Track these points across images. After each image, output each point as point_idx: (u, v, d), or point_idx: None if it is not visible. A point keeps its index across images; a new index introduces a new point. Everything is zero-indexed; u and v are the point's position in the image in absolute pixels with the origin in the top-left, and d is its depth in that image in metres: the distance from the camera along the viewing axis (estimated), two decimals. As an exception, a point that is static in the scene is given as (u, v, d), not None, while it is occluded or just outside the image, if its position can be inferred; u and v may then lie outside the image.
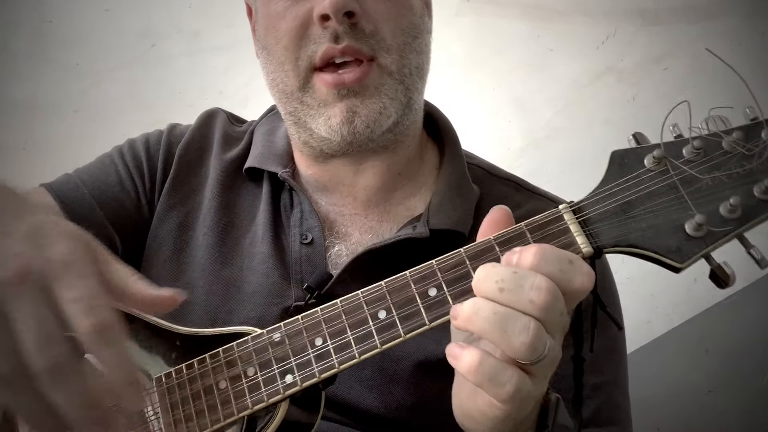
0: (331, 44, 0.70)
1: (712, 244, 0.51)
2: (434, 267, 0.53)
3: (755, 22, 1.63)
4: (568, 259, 0.48)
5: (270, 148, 0.85)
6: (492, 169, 0.88)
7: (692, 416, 1.58)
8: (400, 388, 0.71)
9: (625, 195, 0.53)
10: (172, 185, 0.84)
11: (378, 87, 0.73)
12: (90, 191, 0.82)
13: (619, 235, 0.52)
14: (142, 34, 1.62)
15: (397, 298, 0.54)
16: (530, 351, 0.46)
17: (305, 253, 0.76)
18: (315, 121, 0.74)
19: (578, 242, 0.52)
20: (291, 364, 0.55)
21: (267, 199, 0.81)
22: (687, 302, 1.64)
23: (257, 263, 0.77)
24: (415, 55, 0.76)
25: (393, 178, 0.81)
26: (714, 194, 0.51)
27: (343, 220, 0.81)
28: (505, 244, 0.52)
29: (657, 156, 0.52)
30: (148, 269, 0.81)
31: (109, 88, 1.61)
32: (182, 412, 0.57)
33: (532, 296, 0.46)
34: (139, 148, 0.87)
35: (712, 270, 0.51)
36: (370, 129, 0.73)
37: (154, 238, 0.82)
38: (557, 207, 0.54)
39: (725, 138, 0.52)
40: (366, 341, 0.54)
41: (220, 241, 0.80)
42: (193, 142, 0.88)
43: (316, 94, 0.73)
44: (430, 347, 0.71)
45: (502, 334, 0.46)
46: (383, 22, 0.73)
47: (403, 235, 0.74)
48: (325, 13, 0.69)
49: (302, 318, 0.56)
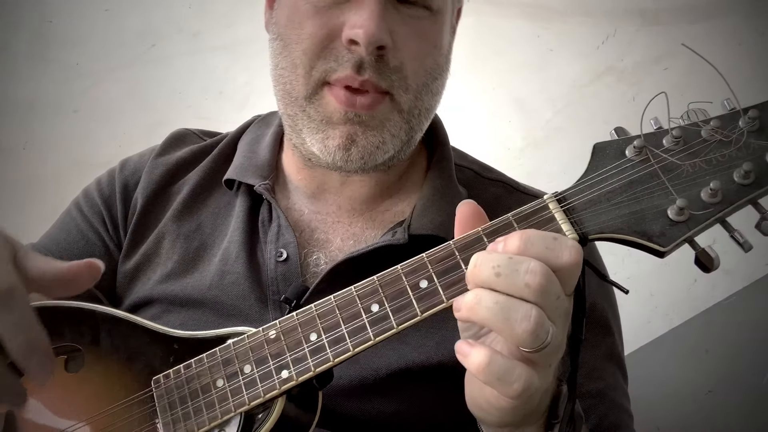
0: (353, 73, 0.67)
1: (694, 228, 0.52)
2: (425, 259, 0.54)
3: (755, 22, 1.63)
4: (552, 236, 0.50)
5: (251, 159, 0.83)
6: (482, 171, 0.87)
7: (692, 416, 1.58)
8: (379, 396, 0.70)
9: (608, 183, 0.54)
10: (138, 220, 0.82)
11: (383, 121, 0.71)
12: (57, 257, 0.78)
13: (603, 222, 0.53)
14: (142, 34, 1.62)
15: (389, 290, 0.54)
16: (533, 337, 0.46)
17: (281, 272, 0.74)
18: (312, 135, 0.72)
19: (564, 230, 0.53)
20: (286, 359, 0.56)
21: (242, 213, 0.79)
22: (687, 302, 1.64)
23: (229, 283, 0.75)
24: (429, 96, 0.74)
25: (381, 191, 0.80)
26: (694, 180, 0.53)
27: (325, 227, 0.79)
28: (493, 235, 0.53)
29: (637, 146, 0.54)
30: (122, 303, 0.80)
31: (109, 88, 1.61)
32: (180, 411, 0.58)
33: (527, 279, 0.47)
34: (94, 195, 0.85)
35: (696, 255, 0.53)
36: (363, 161, 0.71)
37: (124, 275, 0.81)
38: (542, 197, 0.55)
39: (704, 127, 0.53)
40: (360, 334, 0.54)
41: (191, 267, 0.78)
42: (155, 170, 0.85)
43: (323, 108, 0.71)
44: (411, 355, 0.70)
45: (504, 323, 0.47)
46: (410, 60, 0.70)
47: (380, 243, 0.73)
48: (356, 40, 0.66)
49: (297, 314, 0.57)
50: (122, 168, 0.87)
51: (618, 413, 0.76)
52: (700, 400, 1.58)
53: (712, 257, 0.52)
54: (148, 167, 0.85)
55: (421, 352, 0.70)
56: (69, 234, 0.83)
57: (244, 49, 1.65)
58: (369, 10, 0.66)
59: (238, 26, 1.66)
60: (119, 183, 0.85)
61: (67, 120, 1.60)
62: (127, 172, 0.86)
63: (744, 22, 1.63)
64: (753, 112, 0.53)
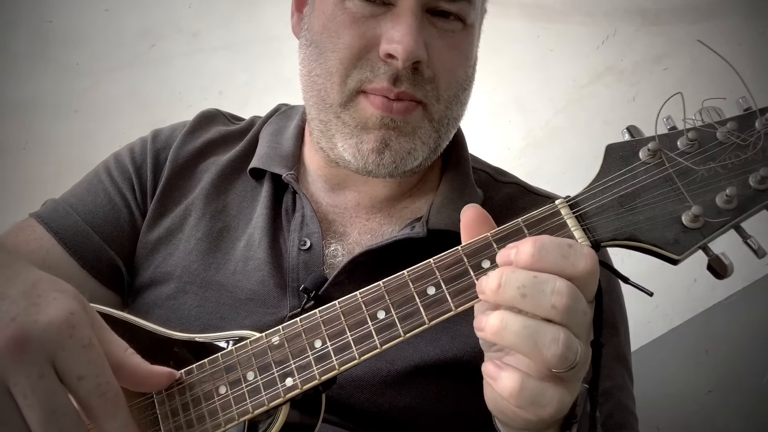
0: (390, 85, 0.68)
1: (709, 235, 0.51)
2: (432, 265, 0.53)
3: (755, 22, 1.63)
4: (567, 243, 0.48)
5: (276, 149, 0.83)
6: (497, 174, 0.88)
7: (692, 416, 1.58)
8: (392, 389, 0.70)
9: (622, 188, 0.53)
10: (163, 192, 0.82)
11: (415, 129, 0.72)
12: (82, 217, 0.80)
13: (616, 229, 0.52)
14: (142, 34, 1.62)
15: (395, 297, 0.53)
16: (562, 361, 0.46)
17: (303, 260, 0.75)
18: (345, 141, 0.72)
19: (576, 237, 0.52)
20: (291, 366, 0.55)
21: (267, 200, 0.80)
22: (687, 302, 1.64)
23: (252, 269, 0.75)
24: (458, 106, 0.76)
25: (402, 191, 0.81)
26: (710, 185, 0.51)
27: (343, 220, 0.80)
28: (503, 241, 0.52)
29: (652, 148, 0.52)
30: (139, 275, 0.80)
31: (109, 88, 1.61)
32: (183, 419, 0.57)
33: (554, 301, 0.46)
34: (126, 161, 0.84)
35: (709, 261, 0.51)
36: (395, 165, 0.72)
37: (144, 245, 0.81)
38: (554, 202, 0.54)
39: (719, 129, 0.52)
40: (366, 342, 0.53)
41: (214, 246, 0.78)
42: (185, 146, 0.86)
43: (358, 114, 0.71)
44: (426, 348, 0.70)
45: (533, 348, 0.46)
46: (443, 71, 0.71)
47: (400, 236, 0.74)
48: (394, 55, 0.67)
49: (301, 320, 0.56)
50: (154, 139, 0.87)
51: (623, 414, 0.76)
52: (700, 400, 1.58)
53: (726, 264, 0.50)
54: (178, 142, 0.86)
55: (436, 346, 0.71)
56: (96, 197, 0.82)
57: (244, 49, 1.65)
58: (407, 26, 0.67)
59: (238, 26, 1.66)
60: (151, 152, 0.85)
61: (67, 120, 1.60)
62: (159, 144, 0.86)
63: (744, 22, 1.63)
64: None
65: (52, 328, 0.46)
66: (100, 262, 0.79)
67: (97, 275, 0.79)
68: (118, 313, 0.64)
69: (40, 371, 0.45)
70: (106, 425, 0.47)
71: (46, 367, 0.45)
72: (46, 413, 0.44)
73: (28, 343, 0.44)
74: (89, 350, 0.47)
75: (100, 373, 0.47)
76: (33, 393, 0.44)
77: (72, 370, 0.46)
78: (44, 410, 0.44)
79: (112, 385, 0.48)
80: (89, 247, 0.79)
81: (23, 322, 0.45)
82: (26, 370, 0.44)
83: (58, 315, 0.46)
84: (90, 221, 0.80)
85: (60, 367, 0.46)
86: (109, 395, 0.47)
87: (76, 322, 0.47)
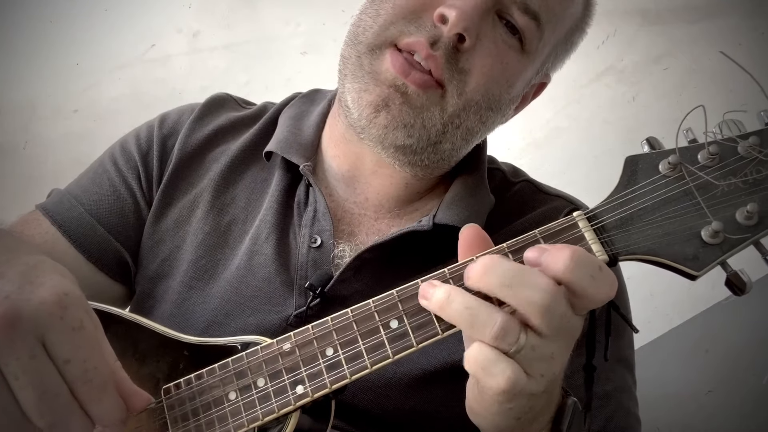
0: (426, 42, 0.66)
1: (728, 251, 0.50)
2: (447, 275, 0.52)
3: (755, 22, 1.63)
4: (599, 265, 0.48)
5: (296, 135, 0.80)
6: (511, 174, 0.86)
7: (692, 416, 1.58)
8: (398, 392, 0.69)
9: (641, 202, 0.52)
10: (170, 181, 0.80)
11: (423, 107, 0.69)
12: (87, 209, 0.78)
13: (634, 243, 0.51)
14: (142, 34, 1.62)
15: (409, 306, 0.53)
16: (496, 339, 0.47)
17: (312, 258, 0.73)
18: (352, 83, 0.71)
19: (594, 250, 0.51)
20: (302, 374, 0.54)
21: (278, 191, 0.77)
22: (687, 302, 1.64)
23: (258, 265, 0.74)
24: (476, 119, 0.72)
25: (410, 195, 0.79)
26: (730, 200, 0.50)
27: (351, 219, 0.78)
28: (519, 252, 0.51)
29: (672, 162, 0.52)
30: (144, 266, 0.79)
31: (109, 88, 1.61)
32: (192, 424, 0.56)
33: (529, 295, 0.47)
34: (132, 149, 0.82)
35: (728, 277, 0.51)
36: (386, 131, 0.69)
37: (150, 235, 0.79)
38: (572, 212, 0.53)
39: (741, 143, 0.51)
40: (378, 351, 0.53)
41: (222, 242, 0.77)
42: (194, 134, 0.83)
43: (376, 63, 0.69)
44: (433, 352, 0.70)
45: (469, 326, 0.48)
46: (479, 73, 0.69)
47: (405, 229, 0.72)
48: (447, 17, 0.66)
49: (312, 327, 0.55)
50: (161, 124, 0.84)
51: (624, 416, 0.75)
52: (700, 400, 1.58)
53: (745, 282, 0.50)
54: (186, 128, 0.83)
55: (443, 350, 0.70)
56: (101, 187, 0.80)
57: (244, 49, 1.65)
58: (473, 1, 0.66)
59: (238, 26, 1.66)
60: (158, 139, 0.82)
61: (67, 120, 1.60)
62: (165, 130, 0.83)
63: (744, 21, 1.63)
64: None
65: (44, 307, 0.45)
66: (106, 254, 0.78)
67: (103, 267, 0.78)
68: (125, 313, 0.63)
69: (30, 351, 0.44)
70: (90, 410, 0.47)
71: (37, 347, 0.45)
72: (37, 394, 0.44)
73: (19, 322, 0.44)
74: (78, 333, 0.46)
75: (87, 357, 0.46)
76: (24, 373, 0.44)
77: (59, 353, 0.45)
78: (36, 391, 0.44)
79: (100, 370, 0.47)
80: (94, 239, 0.77)
81: (16, 299, 0.44)
82: (17, 349, 0.44)
83: (51, 295, 0.46)
84: (95, 213, 0.78)
85: (49, 348, 0.45)
86: (95, 382, 0.46)
87: (68, 303, 0.46)
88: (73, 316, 0.46)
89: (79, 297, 0.48)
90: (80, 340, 0.46)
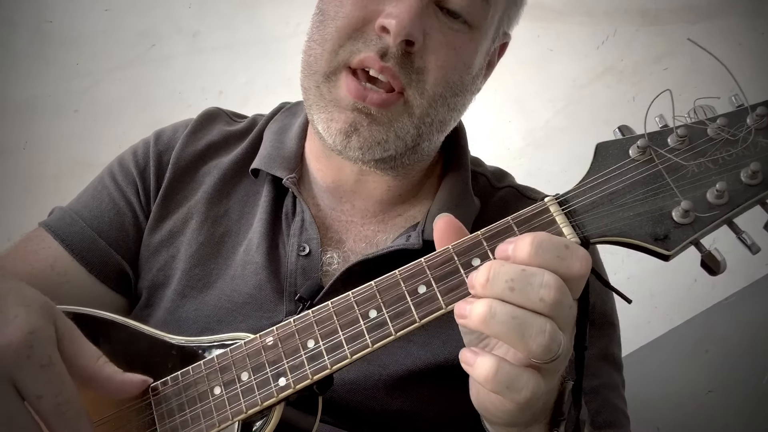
0: (376, 56, 0.67)
1: (700, 230, 0.50)
2: (423, 264, 0.54)
3: (755, 22, 1.63)
4: (564, 244, 0.48)
5: (279, 150, 0.83)
6: (494, 179, 0.87)
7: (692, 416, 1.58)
8: (384, 393, 0.70)
9: (611, 185, 0.53)
10: (165, 195, 0.83)
11: (392, 121, 0.71)
12: (88, 223, 0.81)
13: (605, 225, 0.52)
14: (142, 34, 1.62)
15: (386, 296, 0.54)
16: (546, 352, 0.46)
17: (301, 265, 0.75)
18: (318, 114, 0.72)
19: (565, 233, 0.52)
20: (284, 366, 0.55)
21: (267, 203, 0.80)
22: (687, 302, 1.64)
23: (249, 273, 0.76)
24: (445, 110, 0.74)
25: (395, 196, 0.81)
26: (700, 181, 0.51)
27: (339, 227, 0.80)
28: (493, 239, 0.52)
29: (641, 145, 0.52)
30: (142, 276, 0.81)
31: (109, 88, 1.61)
32: (178, 419, 0.57)
33: (542, 294, 0.46)
34: (129, 165, 0.85)
35: (702, 258, 0.51)
36: (362, 151, 0.71)
37: (147, 246, 0.81)
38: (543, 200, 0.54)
39: (710, 125, 0.52)
40: (357, 340, 0.54)
41: (216, 252, 0.79)
42: (187, 149, 0.85)
43: (335, 91, 0.71)
44: (418, 352, 0.71)
45: (519, 338, 0.46)
46: (434, 67, 0.70)
47: (395, 246, 0.74)
48: (388, 28, 0.66)
49: (294, 321, 0.56)
50: (157, 140, 0.87)
51: (612, 411, 0.76)
52: (699, 400, 1.58)
53: (719, 260, 0.50)
54: (180, 144, 0.86)
55: (428, 350, 0.71)
56: (101, 202, 0.83)
57: (244, 49, 1.65)
58: (408, 4, 0.67)
59: (238, 26, 1.66)
60: (154, 155, 0.85)
61: (67, 120, 1.60)
62: (161, 146, 0.86)
63: (744, 22, 1.63)
64: (761, 109, 0.51)
65: (10, 350, 0.47)
66: (107, 266, 0.80)
67: (105, 280, 0.80)
68: (119, 318, 0.65)
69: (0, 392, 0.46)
70: None
71: (5, 387, 0.47)
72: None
73: None
74: (48, 370, 0.48)
75: (59, 392, 0.48)
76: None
77: (30, 390, 0.48)
78: (7, 429, 0.46)
79: (72, 403, 0.49)
80: (96, 252, 0.79)
81: None
82: None
83: (16, 335, 0.47)
84: (96, 227, 0.81)
85: (20, 386, 0.47)
86: (69, 414, 0.48)
87: (34, 341, 0.48)
88: (41, 354, 0.48)
89: (46, 330, 0.49)
90: (49, 376, 0.48)
